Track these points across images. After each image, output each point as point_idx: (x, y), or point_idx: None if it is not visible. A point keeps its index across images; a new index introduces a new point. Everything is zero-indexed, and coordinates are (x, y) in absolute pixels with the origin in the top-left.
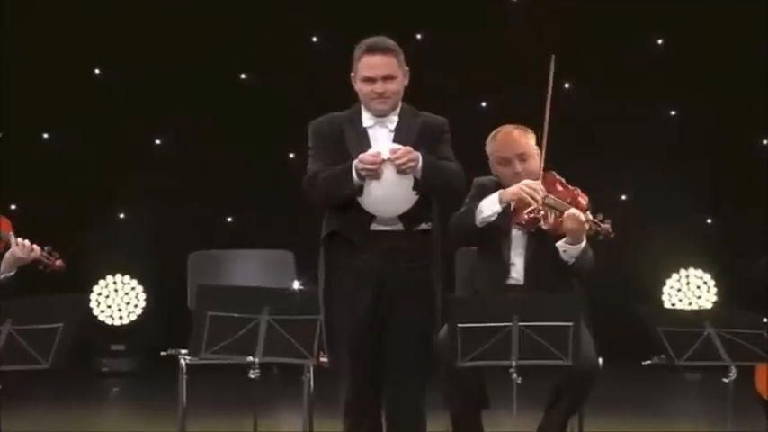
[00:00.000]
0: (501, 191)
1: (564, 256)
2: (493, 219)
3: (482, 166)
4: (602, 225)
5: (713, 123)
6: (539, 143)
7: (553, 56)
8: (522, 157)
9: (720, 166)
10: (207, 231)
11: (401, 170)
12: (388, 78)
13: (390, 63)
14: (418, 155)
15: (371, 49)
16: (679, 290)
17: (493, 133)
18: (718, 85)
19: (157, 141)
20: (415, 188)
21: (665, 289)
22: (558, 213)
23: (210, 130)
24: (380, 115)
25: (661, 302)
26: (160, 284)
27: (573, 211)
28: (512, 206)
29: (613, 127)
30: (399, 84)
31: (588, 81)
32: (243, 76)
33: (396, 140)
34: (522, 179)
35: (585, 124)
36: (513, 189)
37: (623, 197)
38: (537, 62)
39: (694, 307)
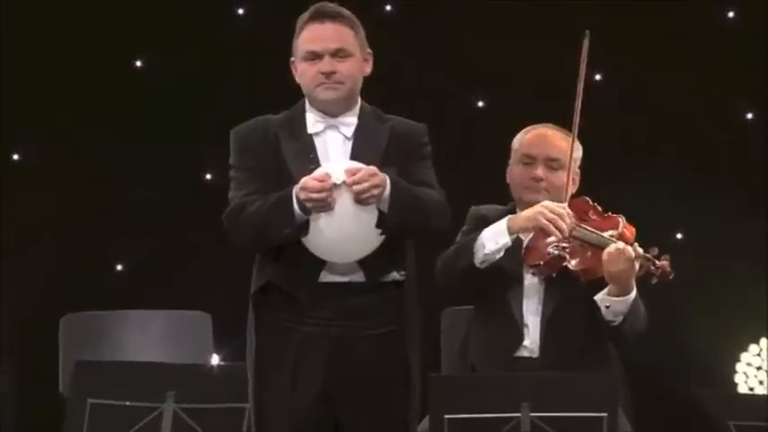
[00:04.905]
0: (510, 216)
1: (607, 315)
2: (499, 256)
3: (477, 190)
4: (657, 262)
5: None
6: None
7: (587, 32)
8: (552, 165)
9: None
10: (87, 285)
11: (361, 200)
12: (341, 54)
13: (344, 34)
14: (385, 178)
15: (317, 16)
16: (759, 368)
17: (527, 128)
18: None
19: (15, 157)
20: (379, 225)
21: (739, 366)
22: (593, 249)
23: (91, 141)
24: (331, 113)
25: (733, 385)
26: (20, 360)
27: (617, 244)
28: (524, 241)
29: (664, 136)
30: (356, 65)
31: (628, 71)
32: (138, 63)
33: (354, 155)
34: (538, 190)
35: (624, 132)
36: (528, 213)
37: (678, 235)
38: (559, 42)
39: None
